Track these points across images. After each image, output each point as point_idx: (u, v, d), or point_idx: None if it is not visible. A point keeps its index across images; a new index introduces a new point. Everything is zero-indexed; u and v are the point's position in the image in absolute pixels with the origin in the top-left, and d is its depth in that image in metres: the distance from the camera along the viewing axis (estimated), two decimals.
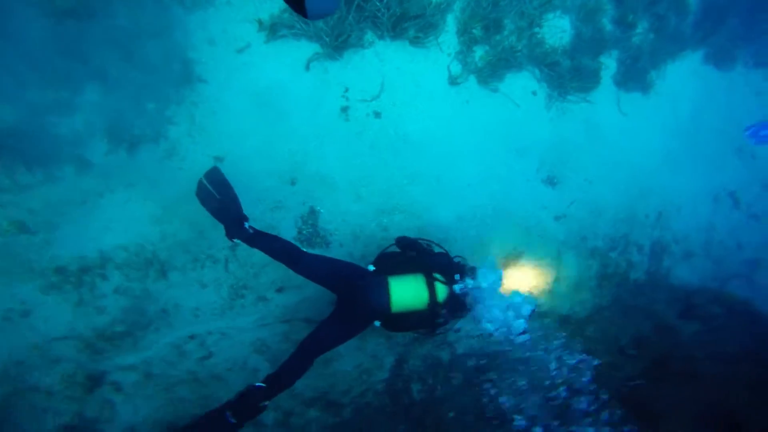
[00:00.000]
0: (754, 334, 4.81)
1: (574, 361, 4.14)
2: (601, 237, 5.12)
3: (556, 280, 4.80)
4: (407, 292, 2.90)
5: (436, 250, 3.28)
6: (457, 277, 3.01)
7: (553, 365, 4.13)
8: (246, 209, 3.02)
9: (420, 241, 3.29)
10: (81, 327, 3.10)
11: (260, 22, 3.52)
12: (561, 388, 4.00)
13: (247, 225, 2.93)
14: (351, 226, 3.86)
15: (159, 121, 3.24)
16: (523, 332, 2.89)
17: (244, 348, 3.66)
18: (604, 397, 3.94)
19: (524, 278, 4.60)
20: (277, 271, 3.72)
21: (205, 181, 3.00)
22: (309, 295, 3.82)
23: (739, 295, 5.58)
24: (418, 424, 4.08)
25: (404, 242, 3.31)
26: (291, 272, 3.72)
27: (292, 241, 3.19)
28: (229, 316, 3.62)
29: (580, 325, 4.90)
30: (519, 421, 3.76)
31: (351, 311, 2.97)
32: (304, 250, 3.07)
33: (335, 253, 3.82)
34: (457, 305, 3.01)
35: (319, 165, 3.75)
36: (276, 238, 3.04)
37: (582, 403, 3.93)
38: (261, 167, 3.60)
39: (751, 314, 5.09)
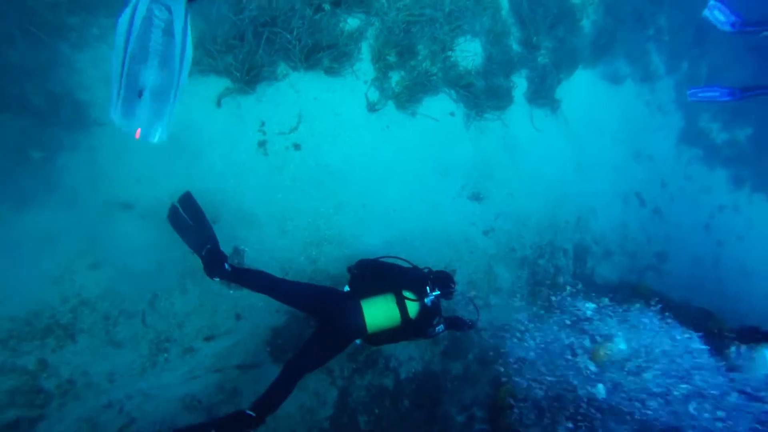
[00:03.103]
0: None
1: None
2: (529, 246, 5.39)
3: (492, 292, 4.96)
4: (379, 313, 3.06)
5: (404, 265, 3.38)
6: (428, 289, 3.14)
7: None
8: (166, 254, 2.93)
9: (383, 259, 3.37)
10: None
11: None
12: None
13: (227, 266, 2.99)
14: (279, 261, 3.73)
15: (48, 171, 2.93)
16: None
17: (171, 406, 3.36)
18: None
19: None
20: (202, 317, 3.49)
21: (178, 206, 3.06)
22: (240, 339, 3.62)
23: (653, 285, 6.10)
24: None
25: (365, 265, 3.38)
26: (219, 318, 3.58)
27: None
28: (152, 374, 3.31)
29: None
30: None
31: (331, 333, 3.09)
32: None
33: None
34: (432, 315, 3.14)
35: (239, 202, 3.60)
36: (253, 272, 3.19)
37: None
38: None
39: (663, 303, 5.59)
